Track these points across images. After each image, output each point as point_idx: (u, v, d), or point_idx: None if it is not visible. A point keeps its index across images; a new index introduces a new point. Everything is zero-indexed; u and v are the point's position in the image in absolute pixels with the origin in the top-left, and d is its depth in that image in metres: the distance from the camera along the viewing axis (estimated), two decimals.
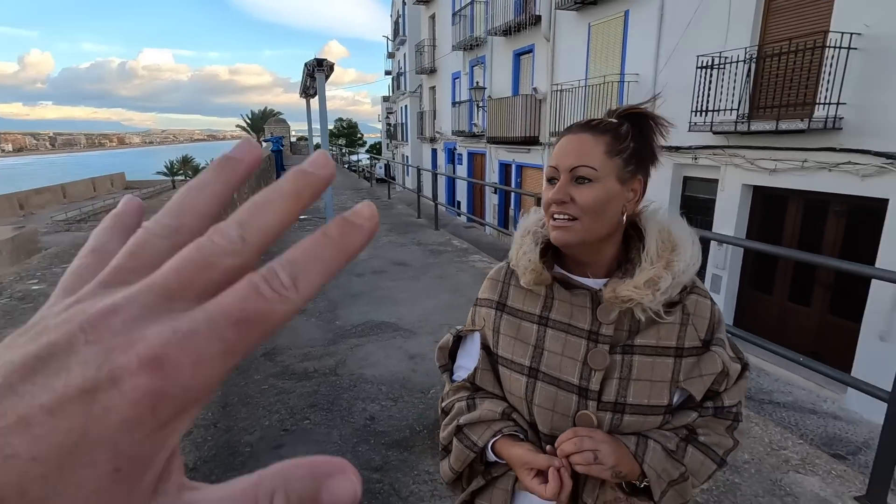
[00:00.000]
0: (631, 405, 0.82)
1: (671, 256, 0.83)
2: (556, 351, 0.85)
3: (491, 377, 0.92)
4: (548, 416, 0.84)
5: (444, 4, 19.00)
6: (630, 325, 0.84)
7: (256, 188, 5.86)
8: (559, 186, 0.82)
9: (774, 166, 6.71)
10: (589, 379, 0.82)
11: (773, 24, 6.82)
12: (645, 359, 0.82)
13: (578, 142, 0.83)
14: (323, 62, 7.52)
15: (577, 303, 0.86)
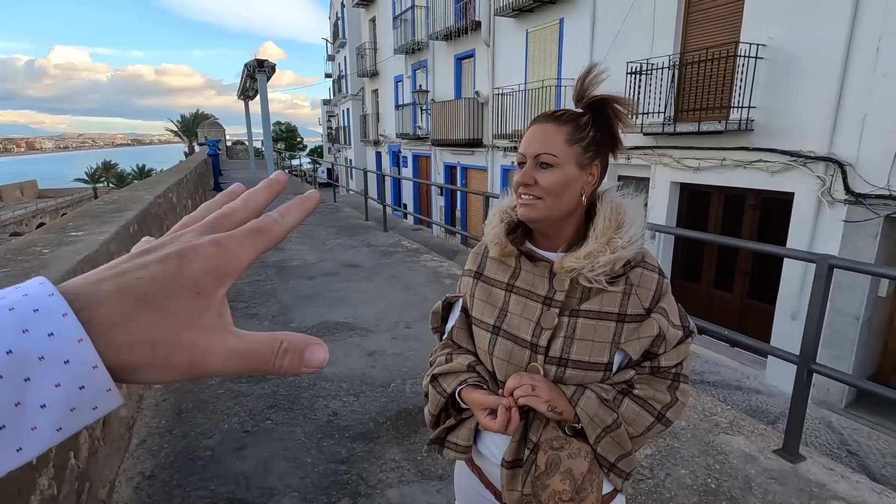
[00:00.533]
0: (573, 360, 0.93)
1: (614, 234, 0.94)
2: (517, 313, 0.98)
3: (465, 335, 1.06)
4: (504, 366, 0.97)
5: (385, 8, 19.00)
6: (581, 293, 0.95)
7: (195, 192, 5.70)
8: (525, 171, 0.95)
9: (698, 165, 7.30)
10: (539, 336, 0.95)
11: (693, 34, 7.43)
12: (588, 321, 0.93)
13: (543, 131, 0.94)
14: (264, 63, 7.36)
15: (538, 273, 0.98)
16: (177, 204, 5.72)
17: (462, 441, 1.03)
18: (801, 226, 6.14)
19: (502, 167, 12.37)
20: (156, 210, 4.17)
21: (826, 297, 2.16)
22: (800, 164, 6.07)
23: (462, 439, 1.03)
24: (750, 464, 2.32)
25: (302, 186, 17.29)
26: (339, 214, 10.06)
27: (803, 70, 5.97)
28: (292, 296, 4.78)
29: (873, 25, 5.35)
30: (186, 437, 2.50)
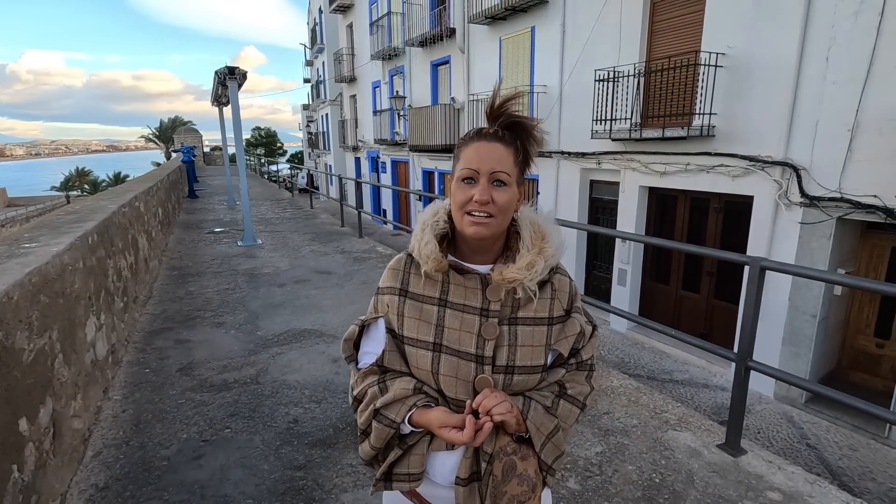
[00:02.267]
0: (518, 367, 0.98)
1: (542, 244, 1.01)
2: (455, 327, 0.98)
3: (398, 357, 1.03)
4: (452, 382, 0.97)
5: (362, 14, 19.05)
6: (512, 302, 1.00)
7: (166, 200, 5.69)
8: (484, 188, 0.93)
9: (664, 169, 7.51)
10: (483, 347, 0.97)
11: (657, 42, 7.65)
12: (526, 328, 0.99)
13: (495, 150, 0.95)
14: (235, 70, 7.34)
15: (470, 285, 1.00)
16: (145, 212, 5.67)
17: (415, 469, 1.00)
18: (761, 227, 6.36)
19: None
20: (120, 220, 4.14)
21: (759, 297, 2.28)
22: (758, 168, 6.30)
23: (414, 467, 1.00)
24: (694, 458, 2.42)
25: (280, 192, 17.17)
26: (314, 221, 10.04)
27: (760, 78, 6.21)
28: (261, 304, 4.78)
29: (822, 36, 5.60)
30: (143, 447, 2.50)
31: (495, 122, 1.00)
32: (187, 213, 11.52)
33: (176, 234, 8.60)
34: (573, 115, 9.09)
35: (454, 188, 0.97)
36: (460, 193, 0.95)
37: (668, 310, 8.09)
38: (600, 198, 9.24)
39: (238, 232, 8.56)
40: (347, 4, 20.19)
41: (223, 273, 5.93)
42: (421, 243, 1.02)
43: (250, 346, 3.79)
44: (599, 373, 3.41)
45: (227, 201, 13.06)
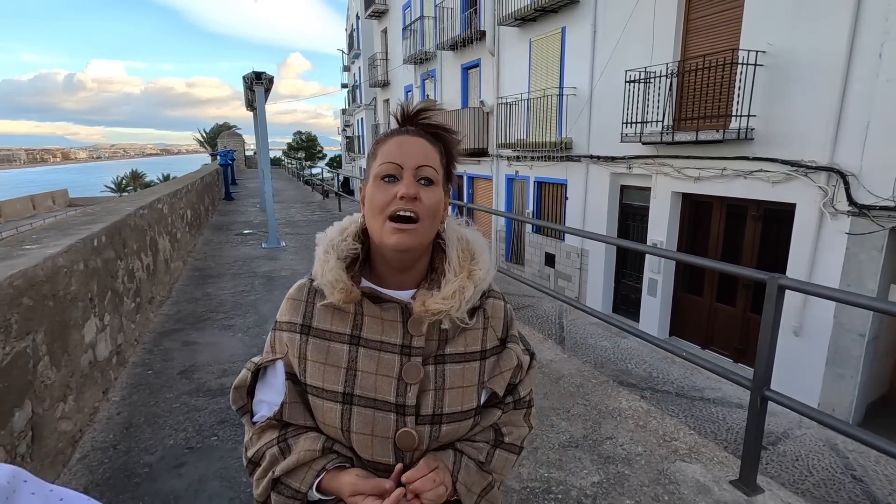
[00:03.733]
0: (447, 414, 0.82)
1: (472, 266, 0.86)
2: (371, 370, 0.82)
3: (301, 409, 0.85)
4: (367, 441, 0.80)
5: (395, 19, 19.22)
6: (439, 335, 0.85)
7: (198, 202, 5.79)
8: (410, 181, 0.79)
9: (698, 175, 7.11)
10: (405, 394, 0.81)
11: (692, 41, 7.27)
12: (456, 366, 0.84)
13: (420, 145, 0.82)
14: (262, 75, 7.47)
15: (388, 317, 0.84)
16: (169, 214, 5.81)
17: None
18: (804, 238, 5.91)
19: (507, 176, 12.29)
20: (137, 222, 4.24)
21: (777, 318, 2.04)
22: (801, 174, 5.86)
23: None
24: (701, 495, 2.19)
25: (313, 195, 17.50)
26: None
27: (804, 77, 5.77)
28: (272, 307, 4.79)
29: (875, 30, 5.14)
30: (129, 452, 2.49)
31: (408, 122, 0.87)
32: (221, 214, 11.86)
33: (205, 235, 8.84)
34: (603, 117, 8.78)
35: (371, 191, 0.81)
36: (380, 194, 0.79)
37: (701, 323, 7.65)
38: (631, 203, 8.88)
39: (264, 234, 8.71)
40: (382, 10, 20.42)
41: (242, 275, 6.01)
42: (324, 269, 0.83)
43: (253, 349, 3.78)
44: (607, 390, 3.20)
45: (260, 203, 13.38)
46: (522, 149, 10.84)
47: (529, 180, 11.36)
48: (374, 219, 0.81)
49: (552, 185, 10.75)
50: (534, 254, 11.41)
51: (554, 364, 3.66)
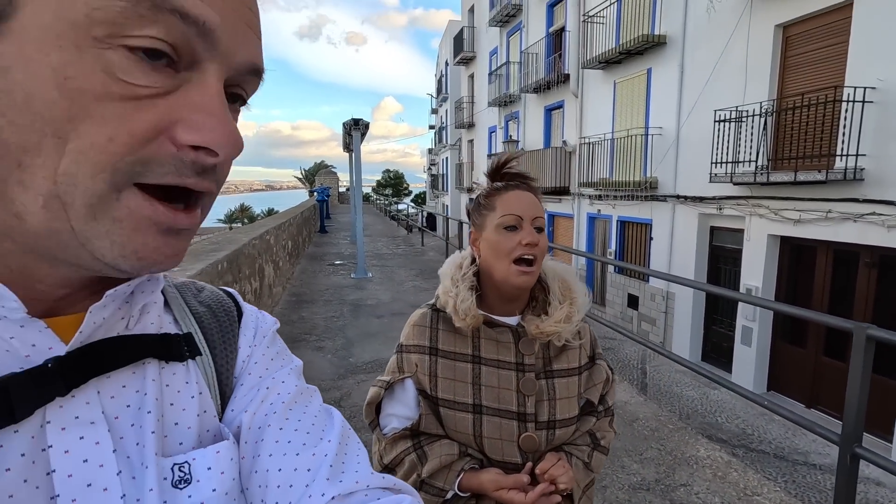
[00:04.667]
0: (559, 421, 0.97)
1: (571, 295, 1.01)
2: (493, 384, 0.96)
3: (433, 420, 0.97)
4: (497, 444, 0.94)
5: (482, 65, 20.16)
6: (544, 353, 1.00)
7: (297, 234, 6.53)
8: (530, 231, 0.95)
9: (798, 217, 6.64)
10: (525, 404, 0.95)
11: (791, 78, 6.95)
12: (562, 380, 0.99)
13: (531, 199, 0.98)
14: (359, 122, 8.26)
15: (502, 339, 0.98)
16: (274, 244, 6.54)
17: None
18: None
19: (588, 215, 12.17)
20: (249, 251, 4.87)
21: (867, 370, 1.95)
22: None
23: None
24: None
25: (398, 230, 18.43)
26: (422, 258, 10.60)
27: None
28: (358, 332, 5.18)
29: None
30: None
31: (502, 178, 1.03)
32: (315, 245, 12.91)
33: (302, 264, 9.69)
34: (690, 157, 8.53)
35: (495, 238, 0.96)
36: (506, 241, 0.94)
37: (806, 379, 6.94)
38: (722, 246, 8.41)
39: (354, 265, 9.37)
40: (470, 57, 21.53)
41: (333, 302, 6.54)
42: (457, 299, 0.96)
43: (341, 370, 4.13)
44: (684, 437, 3.10)
45: (351, 237, 14.37)
46: (605, 188, 10.74)
47: (612, 219, 11.17)
48: (498, 261, 0.95)
49: (636, 224, 10.48)
50: (616, 295, 11.06)
51: (629, 406, 3.60)
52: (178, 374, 0.38)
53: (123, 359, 0.35)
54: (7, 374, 0.29)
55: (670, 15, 9.01)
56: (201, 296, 0.47)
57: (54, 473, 0.30)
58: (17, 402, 0.29)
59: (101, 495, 0.31)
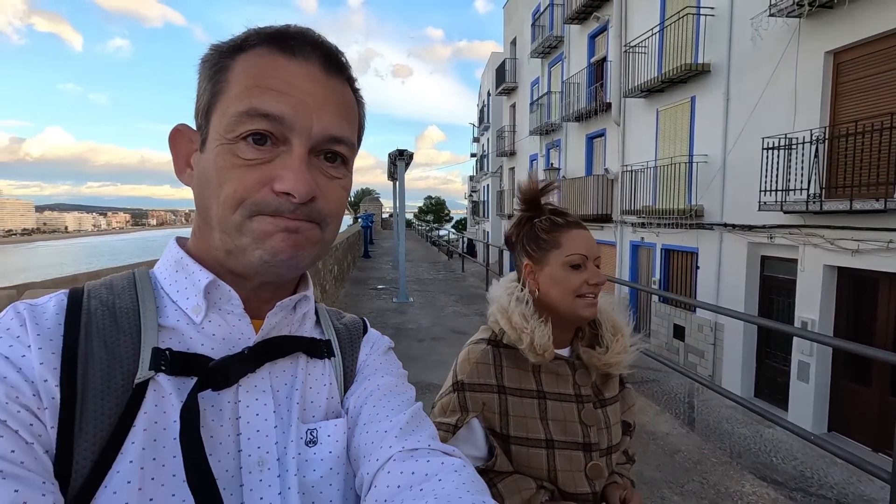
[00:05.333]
0: (614, 447, 1.02)
1: (620, 327, 1.05)
2: (560, 418, 0.98)
3: (504, 458, 0.96)
4: (569, 476, 0.96)
5: (524, 95, 20.52)
6: (593, 384, 1.04)
7: (343, 259, 6.90)
8: (596, 271, 1.00)
9: (857, 247, 6.35)
10: (588, 434, 0.98)
11: (843, 105, 6.76)
12: (611, 407, 1.04)
13: (592, 239, 1.03)
14: (403, 152, 8.64)
15: (561, 372, 1.02)
16: (322, 269, 6.87)
17: None
18: None
19: (631, 243, 12.00)
20: None
21: None
22: None
23: None
24: None
25: (439, 255, 18.69)
26: (462, 283, 10.73)
27: None
28: (400, 356, 5.29)
29: None
30: None
31: (537, 208, 1.06)
32: (359, 270, 13.31)
33: (347, 287, 10.03)
34: (738, 185, 8.34)
35: (561, 274, 0.98)
36: (573, 278, 0.98)
37: (872, 420, 6.48)
38: (774, 276, 8.09)
39: (396, 289, 9.62)
40: (512, 87, 21.98)
41: (376, 325, 6.63)
42: (535, 334, 0.96)
43: None
44: (728, 471, 3.04)
45: (393, 262, 14.73)
46: (648, 216, 10.60)
47: (656, 248, 10.96)
48: (564, 297, 0.98)
49: (681, 253, 10.24)
50: (661, 325, 10.75)
51: (671, 438, 3.56)
52: (317, 368, 0.54)
53: (285, 351, 0.52)
54: (226, 357, 0.47)
55: (714, 44, 9.00)
56: (342, 318, 0.64)
57: (240, 419, 0.47)
58: (232, 374, 0.47)
59: (264, 438, 0.47)
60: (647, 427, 3.75)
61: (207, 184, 0.46)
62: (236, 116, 0.44)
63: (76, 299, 0.46)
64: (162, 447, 0.42)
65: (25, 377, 0.40)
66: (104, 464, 0.40)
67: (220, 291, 0.48)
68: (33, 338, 0.42)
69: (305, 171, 0.45)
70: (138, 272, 0.51)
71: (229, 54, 0.47)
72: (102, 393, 0.41)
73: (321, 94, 0.47)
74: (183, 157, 0.51)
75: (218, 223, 0.46)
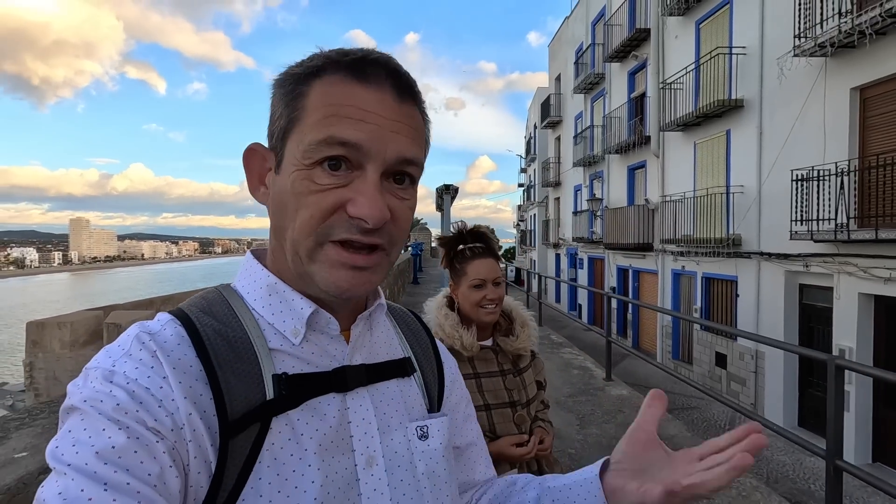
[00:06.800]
0: (531, 399, 1.52)
1: (526, 321, 1.58)
2: (491, 389, 1.45)
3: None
4: (504, 426, 1.43)
5: (568, 128, 21.19)
6: (513, 360, 1.53)
7: (394, 284, 8.09)
8: (492, 290, 1.46)
9: (889, 275, 6.48)
10: (512, 395, 1.46)
11: (872, 138, 6.98)
12: (526, 374, 1.54)
13: (492, 263, 1.48)
14: (450, 187, 9.52)
15: (487, 357, 1.48)
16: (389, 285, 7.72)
17: None
18: None
19: (673, 271, 12.17)
20: None
21: (840, 394, 2.39)
22: None
23: None
24: None
25: None
26: None
27: None
28: None
29: None
30: None
31: (474, 238, 1.53)
32: (409, 295, 14.17)
33: None
34: (773, 215, 8.56)
35: (467, 292, 1.47)
36: (475, 294, 1.46)
37: None
38: (813, 304, 8.16)
39: None
40: (556, 120, 22.72)
41: None
42: (463, 339, 1.44)
43: None
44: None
45: (439, 287, 15.47)
46: (688, 244, 10.84)
47: (697, 276, 11.12)
48: (472, 307, 1.47)
49: (721, 281, 10.38)
50: (703, 353, 10.80)
51: None
52: (406, 381, 0.60)
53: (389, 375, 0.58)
54: (342, 366, 0.53)
55: (746, 80, 9.38)
56: (406, 320, 0.68)
57: (350, 423, 0.52)
58: (350, 382, 0.53)
59: (370, 439, 0.53)
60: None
61: (284, 207, 0.49)
62: (314, 144, 0.47)
63: (191, 327, 0.48)
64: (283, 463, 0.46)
65: (166, 409, 0.42)
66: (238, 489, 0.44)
67: (320, 317, 0.52)
68: (169, 370, 0.44)
69: (379, 198, 0.48)
70: (227, 294, 0.53)
71: (305, 80, 0.49)
72: (243, 420, 0.45)
73: (394, 119, 0.49)
74: (256, 175, 0.53)
75: (292, 246, 0.49)
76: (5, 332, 49.70)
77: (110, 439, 0.40)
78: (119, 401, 0.41)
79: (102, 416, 0.41)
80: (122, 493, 0.38)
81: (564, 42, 21.63)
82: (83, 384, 0.43)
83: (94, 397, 0.42)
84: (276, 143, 0.51)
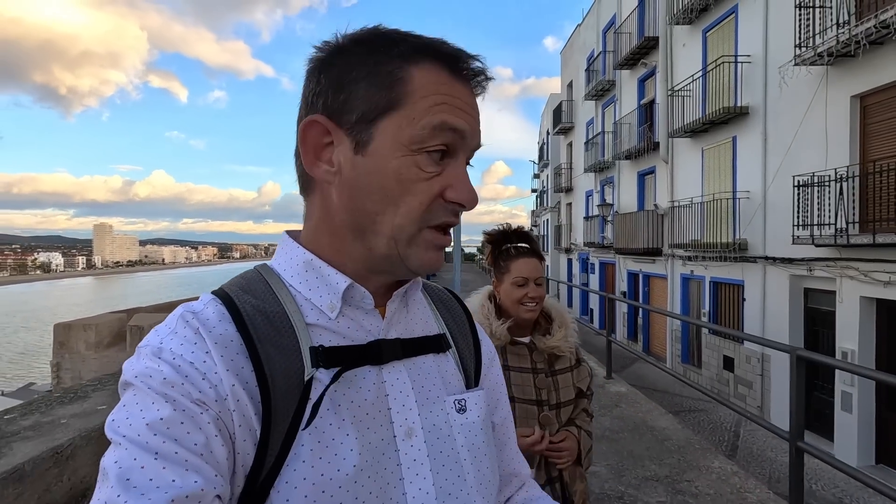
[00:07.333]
0: (563, 402, 1.47)
1: (566, 323, 1.54)
2: (519, 383, 1.41)
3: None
4: (524, 422, 1.38)
5: (579, 134, 21.40)
6: (548, 360, 1.49)
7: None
8: (533, 288, 1.45)
9: (888, 278, 6.60)
10: (540, 394, 1.43)
11: (872, 144, 7.13)
12: (562, 376, 1.50)
13: (535, 263, 1.48)
14: None
15: (521, 353, 1.46)
16: None
17: None
18: None
19: (682, 275, 12.30)
20: None
21: (801, 382, 2.65)
22: None
23: None
24: None
25: None
26: None
27: None
28: None
29: None
30: None
31: (519, 238, 1.57)
32: None
33: None
34: (778, 220, 8.70)
35: (509, 289, 1.48)
36: (517, 292, 1.47)
37: None
38: (817, 308, 8.27)
39: None
40: (568, 127, 22.95)
41: None
42: (493, 327, 1.45)
43: None
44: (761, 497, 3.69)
45: None
46: (696, 249, 10.99)
47: (705, 280, 11.25)
48: (512, 304, 1.48)
49: (728, 285, 10.50)
50: (711, 356, 10.92)
51: (668, 431, 4.23)
52: (442, 356, 0.61)
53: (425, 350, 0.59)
54: (380, 339, 0.54)
55: (751, 88, 9.56)
56: (443, 298, 0.69)
57: (388, 396, 0.53)
58: (385, 355, 0.54)
59: (409, 411, 0.54)
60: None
61: (381, 191, 0.50)
62: (428, 129, 0.48)
63: (231, 305, 0.50)
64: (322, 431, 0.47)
65: (210, 381, 0.44)
66: (282, 455, 0.45)
67: (355, 291, 0.53)
68: (211, 345, 0.46)
69: (471, 182, 0.52)
70: (265, 273, 0.55)
71: (399, 65, 0.50)
72: (286, 392, 0.46)
73: (476, 112, 0.54)
74: (313, 150, 0.52)
75: (391, 230, 0.50)
76: (32, 334, 51.36)
77: (159, 412, 0.42)
78: (166, 375, 0.44)
79: (151, 391, 0.43)
80: (170, 461, 0.41)
81: (576, 49, 21.90)
82: (136, 361, 0.46)
83: (144, 373, 0.45)
84: (357, 122, 0.50)
